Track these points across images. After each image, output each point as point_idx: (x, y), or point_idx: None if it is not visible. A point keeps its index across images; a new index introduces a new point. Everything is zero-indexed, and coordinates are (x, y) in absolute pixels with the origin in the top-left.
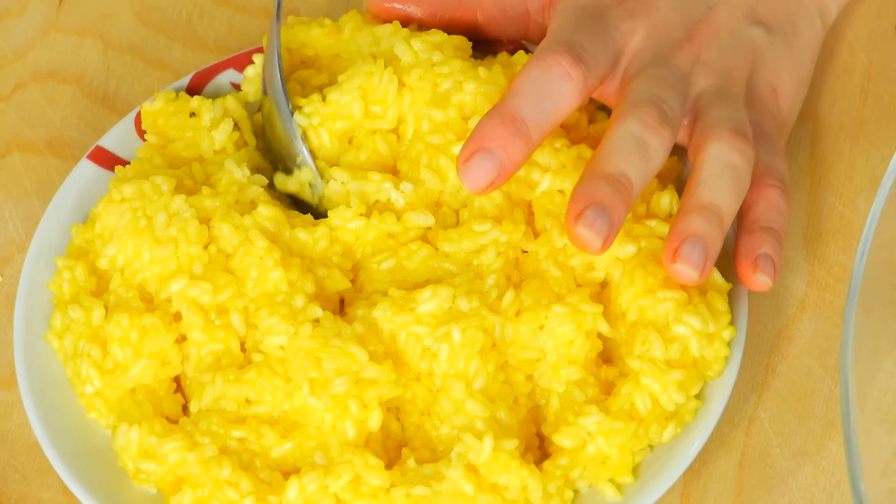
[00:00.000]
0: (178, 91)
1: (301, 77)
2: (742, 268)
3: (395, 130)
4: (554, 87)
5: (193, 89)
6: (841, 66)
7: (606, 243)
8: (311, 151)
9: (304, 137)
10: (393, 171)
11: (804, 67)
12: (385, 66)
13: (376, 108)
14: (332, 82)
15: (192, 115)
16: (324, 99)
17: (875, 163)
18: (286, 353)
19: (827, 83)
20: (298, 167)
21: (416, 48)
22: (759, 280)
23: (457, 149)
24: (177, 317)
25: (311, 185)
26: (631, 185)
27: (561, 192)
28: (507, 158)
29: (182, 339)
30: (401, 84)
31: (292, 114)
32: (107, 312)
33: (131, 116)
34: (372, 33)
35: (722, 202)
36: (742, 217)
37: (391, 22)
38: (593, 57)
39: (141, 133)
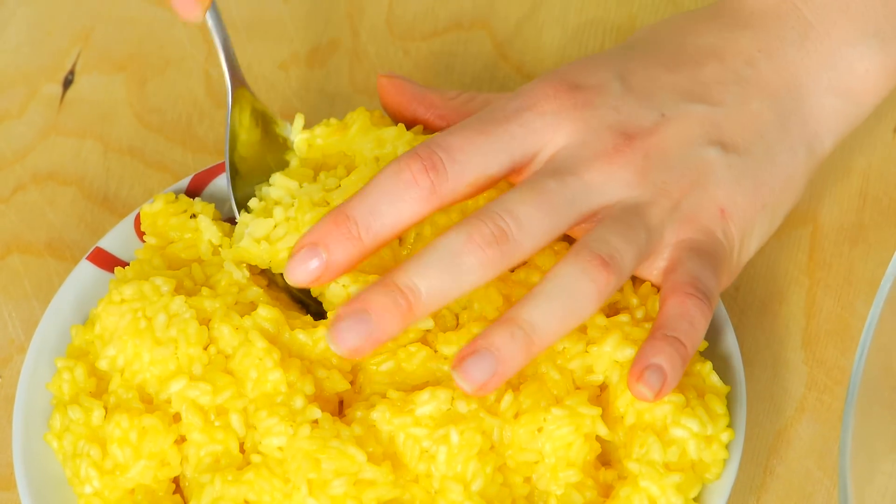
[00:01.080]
0: (177, 193)
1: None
2: (629, 373)
3: None
4: (397, 192)
5: (193, 191)
6: (840, 168)
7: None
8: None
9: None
10: None
11: (772, 195)
12: None
13: None
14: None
15: (193, 216)
16: (328, 205)
17: (874, 265)
18: (285, 454)
19: (826, 186)
20: None
21: None
22: (639, 390)
23: None
24: (176, 417)
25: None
26: (427, 298)
27: None
28: (329, 256)
29: (181, 440)
30: None
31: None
32: (106, 413)
33: (131, 218)
34: (377, 136)
35: (540, 322)
36: (654, 323)
37: (398, 102)
38: (458, 162)
39: (140, 234)
